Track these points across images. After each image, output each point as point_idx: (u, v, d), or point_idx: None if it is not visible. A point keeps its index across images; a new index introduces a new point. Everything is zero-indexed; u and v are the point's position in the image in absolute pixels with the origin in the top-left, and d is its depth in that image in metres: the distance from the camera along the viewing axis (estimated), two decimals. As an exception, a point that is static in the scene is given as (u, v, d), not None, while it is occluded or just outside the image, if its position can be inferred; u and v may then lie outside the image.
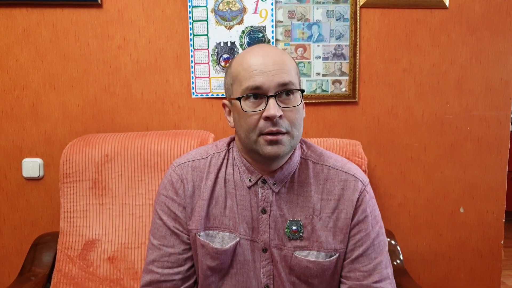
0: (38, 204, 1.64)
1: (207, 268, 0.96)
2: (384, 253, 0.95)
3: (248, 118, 0.88)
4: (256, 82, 0.86)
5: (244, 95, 0.88)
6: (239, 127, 0.92)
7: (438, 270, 1.71)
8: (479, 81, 1.64)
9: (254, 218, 0.95)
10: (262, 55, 0.89)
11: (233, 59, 0.95)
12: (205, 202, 0.96)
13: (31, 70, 1.59)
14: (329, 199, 0.95)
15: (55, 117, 1.61)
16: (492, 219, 1.69)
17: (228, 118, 0.97)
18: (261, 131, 0.87)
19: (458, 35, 1.62)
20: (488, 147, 1.66)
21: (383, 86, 1.64)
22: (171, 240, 0.97)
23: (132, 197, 1.43)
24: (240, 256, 0.96)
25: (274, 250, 0.95)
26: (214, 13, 1.58)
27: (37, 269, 1.42)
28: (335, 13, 1.59)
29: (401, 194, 1.68)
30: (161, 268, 0.96)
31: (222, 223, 0.96)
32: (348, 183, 0.96)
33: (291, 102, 0.89)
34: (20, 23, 1.57)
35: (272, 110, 0.85)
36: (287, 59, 0.91)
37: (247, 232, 0.96)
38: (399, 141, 1.66)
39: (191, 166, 0.99)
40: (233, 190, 0.97)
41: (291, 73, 0.89)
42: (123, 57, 1.60)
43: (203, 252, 0.96)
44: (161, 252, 0.97)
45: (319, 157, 0.99)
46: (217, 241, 0.95)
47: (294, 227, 0.94)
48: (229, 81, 0.93)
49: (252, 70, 0.87)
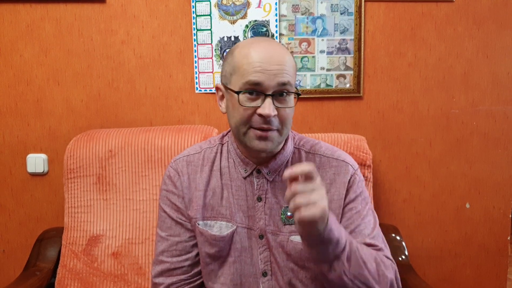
0: (42, 200, 1.64)
1: (206, 255, 1.00)
2: (376, 230, 0.98)
3: (242, 111, 0.90)
4: (257, 79, 0.88)
5: (242, 89, 0.89)
6: (231, 117, 0.95)
7: (444, 266, 1.70)
8: (485, 75, 1.62)
9: (250, 206, 0.99)
10: (267, 52, 0.90)
11: (236, 48, 0.95)
12: (201, 192, 1.01)
13: (35, 66, 1.59)
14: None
15: (59, 112, 1.61)
16: (498, 215, 1.67)
17: (220, 102, 0.99)
18: (252, 125, 0.90)
19: (464, 28, 1.60)
20: (494, 142, 1.65)
21: (388, 80, 1.63)
22: (177, 229, 1.02)
23: (136, 192, 1.43)
24: (237, 244, 0.99)
25: (270, 236, 0.98)
26: (217, 7, 1.57)
27: (42, 264, 1.42)
28: (339, 7, 1.58)
29: (406, 190, 1.67)
30: (170, 257, 1.01)
31: (219, 213, 1.00)
32: (339, 168, 1.00)
33: (286, 102, 0.92)
34: (24, 18, 1.57)
35: (267, 109, 0.88)
36: (289, 58, 0.93)
37: (243, 220, 1.00)
38: (404, 136, 1.65)
39: (186, 160, 1.05)
40: (229, 181, 1.01)
41: (290, 73, 0.91)
42: (126, 52, 1.60)
43: (202, 240, 1.00)
44: (169, 242, 1.02)
45: (311, 147, 1.03)
46: (215, 230, 0.99)
47: (289, 213, 0.97)
48: (229, 70, 0.94)
49: (256, 66, 0.88)
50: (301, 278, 0.97)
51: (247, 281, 0.99)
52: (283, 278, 0.97)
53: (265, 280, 0.99)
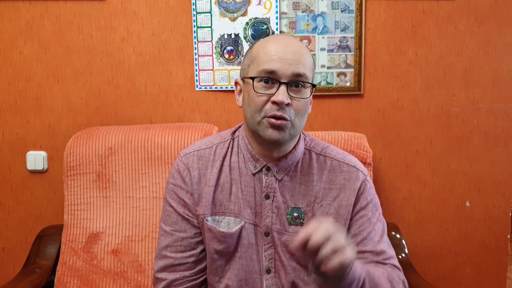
0: (42, 197, 1.64)
1: (214, 251, 0.99)
2: (384, 235, 1.00)
3: (256, 98, 0.92)
4: (272, 67, 0.90)
5: (259, 75, 0.92)
6: (246, 106, 0.96)
7: (444, 264, 1.70)
8: (486, 73, 1.62)
9: (258, 203, 0.99)
10: (284, 43, 0.94)
11: (256, 43, 1.00)
12: (211, 188, 1.00)
13: (35, 63, 1.59)
14: (331, 188, 1.00)
15: (59, 109, 1.61)
16: (498, 213, 1.67)
17: (237, 97, 1.02)
18: (266, 113, 0.91)
19: (465, 26, 1.60)
20: (495, 140, 1.64)
21: (388, 78, 1.62)
22: (183, 225, 1.01)
23: (136, 189, 1.42)
24: (244, 240, 0.99)
25: (275, 235, 0.98)
26: (218, 4, 1.57)
27: (42, 262, 1.42)
28: (340, 5, 1.58)
29: (407, 188, 1.66)
30: (174, 253, 1.00)
31: (227, 208, 1.00)
32: (350, 174, 1.01)
33: (301, 93, 0.93)
34: (24, 15, 1.57)
35: (281, 96, 0.89)
36: (306, 53, 0.95)
37: (250, 216, 0.99)
38: (405, 134, 1.65)
39: (197, 155, 1.04)
40: (238, 177, 1.01)
41: (307, 67, 0.93)
42: (126, 49, 1.59)
43: (210, 236, 0.99)
44: (173, 238, 1.01)
45: (322, 149, 1.04)
46: (223, 225, 0.99)
47: (296, 214, 0.99)
48: (247, 62, 0.97)
49: (272, 54, 0.91)
50: (303, 277, 0.97)
51: (251, 277, 0.99)
52: (286, 277, 0.97)
53: (269, 277, 0.99)
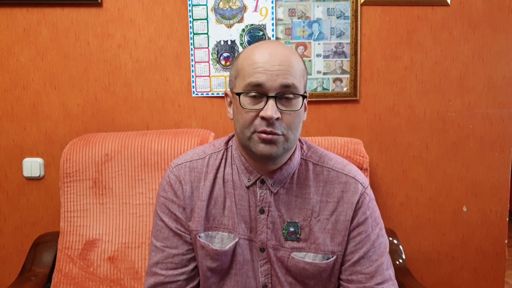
0: (38, 204, 1.64)
1: (207, 269, 0.96)
2: (385, 255, 0.94)
3: (245, 114, 0.86)
4: (258, 79, 0.84)
5: (244, 91, 0.86)
6: (236, 121, 0.91)
7: (441, 270, 1.69)
8: (481, 78, 1.63)
9: (252, 218, 0.94)
10: (270, 52, 0.86)
11: (242, 52, 0.93)
12: (204, 203, 0.95)
13: (32, 70, 1.59)
14: (328, 201, 0.94)
15: (55, 116, 1.61)
16: (495, 218, 1.67)
17: (228, 109, 0.95)
18: (255, 129, 0.85)
19: (460, 32, 1.61)
20: (491, 145, 1.65)
21: (384, 84, 1.63)
22: (174, 241, 0.96)
23: (133, 196, 1.42)
24: (239, 256, 0.95)
25: (271, 251, 0.94)
26: (214, 11, 1.57)
27: (38, 269, 1.41)
28: (335, 11, 1.59)
29: (403, 193, 1.67)
30: (165, 270, 0.95)
31: (221, 223, 0.95)
32: (348, 186, 0.94)
33: (291, 105, 0.86)
34: (21, 22, 1.57)
35: (269, 111, 0.83)
36: (295, 60, 0.88)
37: (245, 231, 0.95)
38: (401, 139, 1.65)
39: (189, 166, 0.98)
40: (232, 190, 0.95)
41: (296, 75, 0.86)
42: (123, 56, 1.60)
43: (203, 254, 0.95)
44: (164, 254, 0.96)
45: (320, 158, 0.98)
46: (216, 241, 0.95)
47: (292, 229, 0.94)
48: (234, 74, 0.92)
49: (257, 66, 0.85)
50: None
51: None
52: None
53: None
